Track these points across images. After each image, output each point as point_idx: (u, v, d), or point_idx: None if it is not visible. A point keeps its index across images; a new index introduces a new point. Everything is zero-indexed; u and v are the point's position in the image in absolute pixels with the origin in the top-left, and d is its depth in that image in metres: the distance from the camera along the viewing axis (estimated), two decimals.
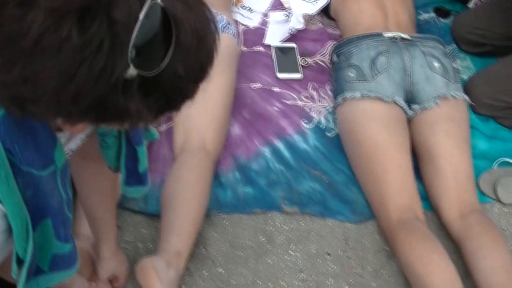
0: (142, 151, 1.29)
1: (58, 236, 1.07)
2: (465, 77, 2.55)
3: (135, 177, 1.34)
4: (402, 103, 2.13)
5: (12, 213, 0.94)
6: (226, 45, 2.21)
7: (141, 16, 0.73)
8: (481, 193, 2.19)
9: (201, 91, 2.11)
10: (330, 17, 2.72)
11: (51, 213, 1.03)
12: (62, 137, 1.06)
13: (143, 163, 1.32)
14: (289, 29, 2.61)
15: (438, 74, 2.18)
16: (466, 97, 2.23)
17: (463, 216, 1.97)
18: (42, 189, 0.99)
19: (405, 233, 1.88)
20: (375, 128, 2.06)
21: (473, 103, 2.35)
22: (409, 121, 2.18)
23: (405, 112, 2.15)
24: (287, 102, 2.38)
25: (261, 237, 1.98)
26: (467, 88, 2.38)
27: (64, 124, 0.87)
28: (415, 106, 2.16)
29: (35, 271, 1.06)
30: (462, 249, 1.91)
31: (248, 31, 2.64)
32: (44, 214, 1.02)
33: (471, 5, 2.86)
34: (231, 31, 2.28)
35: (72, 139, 1.14)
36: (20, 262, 1.00)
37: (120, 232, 1.92)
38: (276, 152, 2.20)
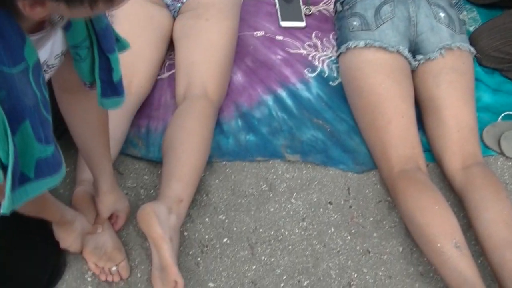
0: (115, 59, 1.29)
1: (39, 138, 1.06)
2: (471, 29, 2.51)
3: (110, 87, 1.33)
4: (406, 53, 2.10)
5: None
6: None
7: None
8: (485, 146, 2.18)
9: (205, 39, 2.07)
10: None
11: (28, 114, 1.02)
12: (32, 40, 1.05)
13: (117, 72, 1.31)
14: None
15: (444, 25, 2.14)
16: (471, 48, 2.19)
17: (466, 168, 1.95)
18: (15, 88, 0.98)
19: (407, 184, 1.87)
20: (379, 78, 2.03)
21: (478, 55, 2.33)
22: (413, 72, 2.15)
23: (409, 63, 2.12)
24: (290, 50, 2.35)
25: (263, 185, 1.98)
26: (472, 39, 2.35)
27: (23, 7, 0.88)
28: (419, 57, 2.13)
29: (22, 179, 1.06)
30: (464, 201, 1.90)
31: None
32: (21, 116, 1.01)
33: None
34: None
35: (47, 42, 1.14)
36: (4, 168, 1.00)
37: (122, 179, 1.92)
38: (278, 100, 2.19)
